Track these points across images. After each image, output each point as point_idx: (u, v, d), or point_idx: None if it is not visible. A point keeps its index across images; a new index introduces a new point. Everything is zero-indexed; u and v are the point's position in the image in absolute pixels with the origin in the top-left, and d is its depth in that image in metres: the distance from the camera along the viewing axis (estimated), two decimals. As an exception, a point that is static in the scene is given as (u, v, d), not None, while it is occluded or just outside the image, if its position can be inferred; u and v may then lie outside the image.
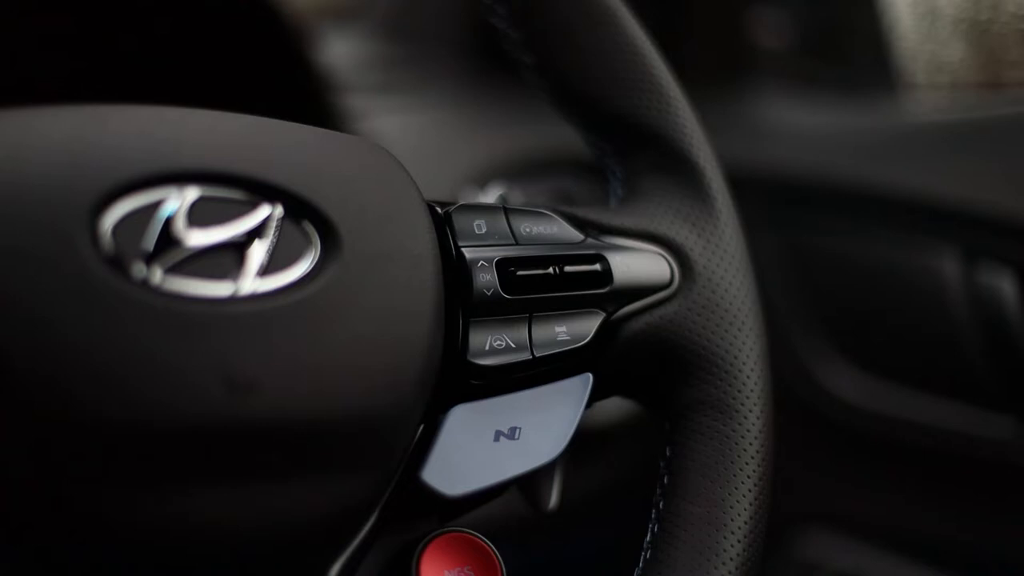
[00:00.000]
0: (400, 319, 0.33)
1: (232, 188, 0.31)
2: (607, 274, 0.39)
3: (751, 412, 0.40)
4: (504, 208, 0.39)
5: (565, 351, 0.38)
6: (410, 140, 0.86)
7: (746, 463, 0.39)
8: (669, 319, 0.40)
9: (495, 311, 0.36)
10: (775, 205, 0.93)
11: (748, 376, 0.40)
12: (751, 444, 0.40)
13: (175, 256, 0.30)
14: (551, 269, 0.38)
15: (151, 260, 0.29)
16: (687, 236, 0.41)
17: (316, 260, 0.32)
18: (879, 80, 1.03)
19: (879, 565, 0.89)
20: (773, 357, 0.42)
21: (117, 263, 0.29)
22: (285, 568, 0.33)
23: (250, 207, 0.31)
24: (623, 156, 0.43)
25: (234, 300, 0.30)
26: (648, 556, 0.38)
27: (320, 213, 0.32)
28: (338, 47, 0.94)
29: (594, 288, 0.39)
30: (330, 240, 0.32)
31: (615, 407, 0.55)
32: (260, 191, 0.32)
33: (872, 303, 0.88)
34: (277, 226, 0.31)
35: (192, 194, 0.30)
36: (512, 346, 0.37)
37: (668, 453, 0.40)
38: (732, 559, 0.37)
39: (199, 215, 0.30)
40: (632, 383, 0.41)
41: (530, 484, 0.40)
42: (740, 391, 0.40)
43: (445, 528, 0.37)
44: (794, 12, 1.07)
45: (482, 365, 0.36)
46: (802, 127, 0.98)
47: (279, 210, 0.32)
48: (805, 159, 0.93)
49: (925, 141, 0.89)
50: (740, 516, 0.38)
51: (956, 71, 1.11)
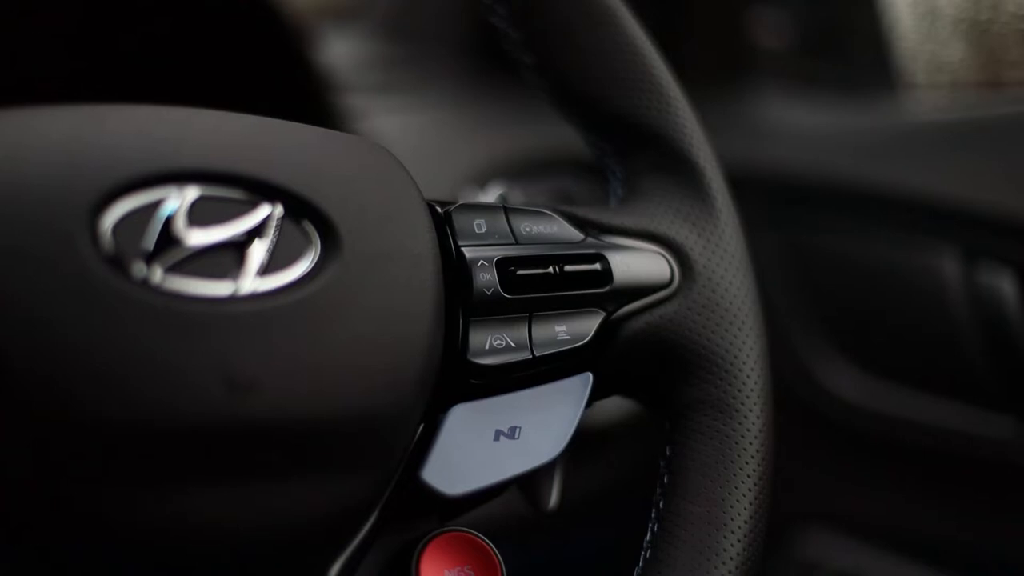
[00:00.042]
0: (400, 319, 0.33)
1: (232, 187, 0.31)
2: (607, 273, 0.39)
3: (751, 412, 0.40)
4: (504, 208, 0.39)
5: (565, 350, 0.38)
6: (410, 140, 0.86)
7: (746, 463, 0.39)
8: (669, 318, 0.40)
9: (495, 310, 0.36)
10: (775, 205, 0.93)
11: (748, 376, 0.40)
12: (751, 444, 0.40)
13: (175, 255, 0.30)
14: (551, 268, 0.38)
15: (151, 259, 0.29)
16: (687, 236, 0.41)
17: (316, 259, 0.32)
18: (879, 80, 1.03)
19: (879, 565, 0.89)
20: (773, 357, 0.42)
21: (117, 262, 0.29)
22: (285, 568, 0.33)
23: (250, 206, 0.31)
24: (623, 156, 0.43)
25: (234, 299, 0.30)
26: (648, 555, 0.38)
27: (320, 212, 0.32)
28: (338, 47, 0.94)
29: (594, 287, 0.39)
30: (330, 239, 0.32)
31: (615, 407, 0.55)
32: (260, 190, 0.32)
33: (872, 303, 0.88)
34: (277, 225, 0.31)
35: (192, 193, 0.30)
36: (512, 345, 0.36)
37: (668, 452, 0.40)
38: (732, 558, 0.37)
39: (199, 214, 0.30)
40: (632, 382, 0.41)
41: (530, 483, 0.40)
42: (740, 390, 0.40)
43: (445, 527, 0.37)
44: (794, 12, 1.07)
45: (482, 364, 0.36)
46: (802, 127, 0.98)
47: (279, 209, 0.32)
48: (805, 159, 0.93)
49: (925, 141, 0.89)
50: (740, 515, 0.38)
51: (956, 71, 1.11)
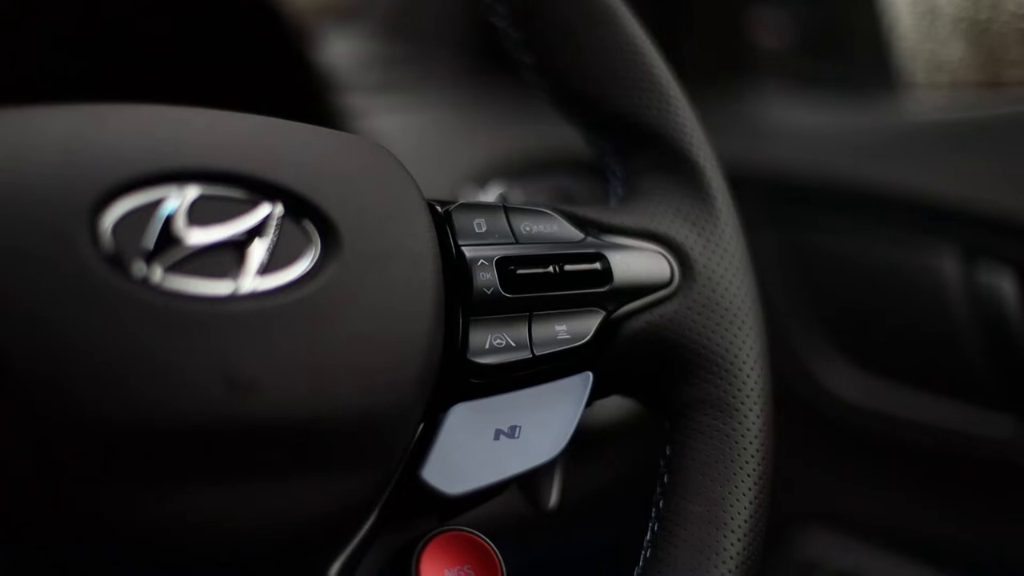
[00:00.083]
0: (400, 318, 0.33)
1: (232, 187, 0.31)
2: (607, 273, 0.39)
3: (751, 411, 0.40)
4: (504, 207, 0.39)
5: (565, 350, 0.38)
6: (410, 139, 0.86)
7: (746, 462, 0.39)
8: (669, 318, 0.40)
9: (495, 310, 0.36)
10: (775, 204, 0.93)
11: (748, 375, 0.40)
12: (751, 443, 0.40)
13: (175, 255, 0.30)
14: (551, 268, 0.38)
15: (151, 259, 0.29)
16: (687, 235, 0.41)
17: (316, 259, 0.32)
18: (879, 80, 1.03)
19: (879, 564, 0.89)
20: (773, 356, 0.42)
21: (117, 262, 0.29)
22: (285, 567, 0.32)
23: (250, 206, 0.31)
24: (623, 155, 0.43)
25: (234, 299, 0.30)
26: (648, 555, 0.38)
27: (320, 212, 0.32)
28: (338, 47, 0.94)
29: (594, 287, 0.39)
30: (330, 239, 0.32)
31: (615, 406, 0.55)
32: (260, 190, 0.32)
33: (872, 303, 0.88)
34: (277, 225, 0.31)
35: (192, 193, 0.30)
36: (512, 345, 0.36)
37: (668, 452, 0.40)
38: (732, 558, 0.37)
39: (199, 214, 0.30)
40: (632, 382, 0.41)
41: (530, 483, 0.40)
42: (740, 390, 0.40)
43: (445, 527, 0.37)
44: (794, 12, 1.07)
45: (482, 364, 0.36)
46: (802, 127, 0.98)
47: (279, 209, 0.32)
48: (805, 159, 0.93)
49: (925, 140, 0.89)
50: (740, 515, 0.38)
51: (956, 71, 1.11)
